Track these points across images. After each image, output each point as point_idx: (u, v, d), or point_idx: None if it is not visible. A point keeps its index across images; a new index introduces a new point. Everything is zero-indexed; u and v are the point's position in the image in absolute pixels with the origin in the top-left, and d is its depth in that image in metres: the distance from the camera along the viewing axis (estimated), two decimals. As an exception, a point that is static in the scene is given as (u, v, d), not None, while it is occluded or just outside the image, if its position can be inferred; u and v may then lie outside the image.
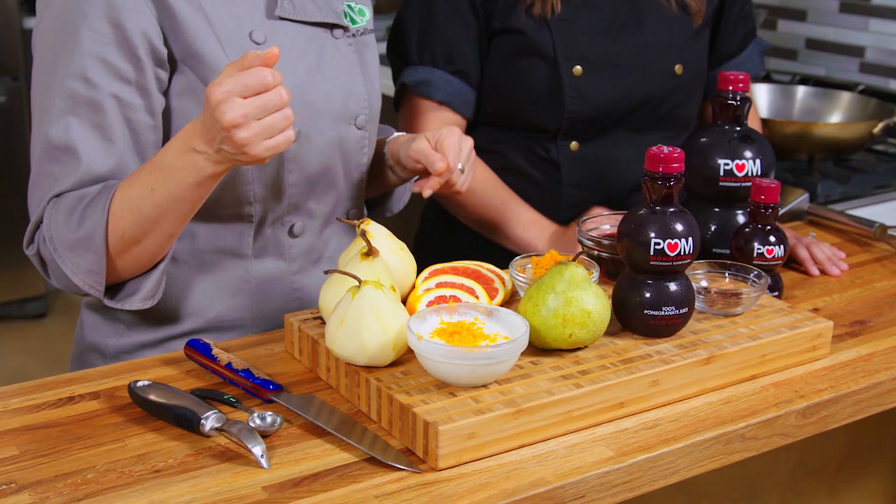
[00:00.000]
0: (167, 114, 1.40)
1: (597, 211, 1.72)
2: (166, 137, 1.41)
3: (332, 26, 1.49)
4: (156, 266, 1.38)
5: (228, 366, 1.30)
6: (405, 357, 1.26)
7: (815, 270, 1.70)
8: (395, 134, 1.64)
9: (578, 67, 1.72)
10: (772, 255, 1.52)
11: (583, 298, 1.27)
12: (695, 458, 1.22)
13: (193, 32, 1.36)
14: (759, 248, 1.52)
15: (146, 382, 1.25)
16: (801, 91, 2.40)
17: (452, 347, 1.18)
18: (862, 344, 1.46)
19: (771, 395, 1.32)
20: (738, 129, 1.60)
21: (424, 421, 1.13)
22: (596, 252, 1.53)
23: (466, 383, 1.19)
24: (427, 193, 1.45)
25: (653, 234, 1.30)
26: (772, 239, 1.53)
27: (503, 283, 1.43)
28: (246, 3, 1.42)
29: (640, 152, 1.79)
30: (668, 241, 1.30)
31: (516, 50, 1.72)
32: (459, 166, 1.47)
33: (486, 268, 1.45)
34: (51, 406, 1.26)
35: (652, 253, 1.30)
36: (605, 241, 1.54)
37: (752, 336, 1.35)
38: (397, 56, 1.79)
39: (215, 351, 1.33)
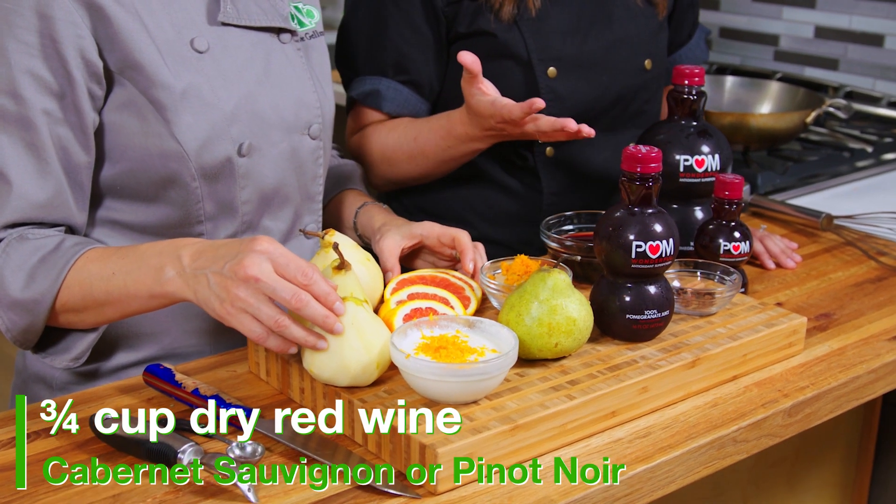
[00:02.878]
0: (101, 131, 1.31)
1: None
2: (100, 157, 1.32)
3: (278, 31, 1.41)
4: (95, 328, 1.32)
5: (196, 392, 1.22)
6: (385, 374, 1.20)
7: (770, 264, 1.69)
8: (367, 203, 1.57)
9: (553, 68, 1.67)
10: (738, 252, 1.50)
11: (567, 306, 1.23)
12: (690, 465, 1.19)
13: (131, 42, 1.27)
14: (725, 245, 1.50)
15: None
16: (730, 81, 2.40)
17: (442, 364, 1.12)
18: (832, 338, 1.45)
19: (755, 395, 1.30)
20: (695, 123, 1.58)
21: (420, 443, 1.08)
22: (564, 255, 1.49)
23: (457, 400, 1.14)
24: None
25: (634, 237, 1.27)
26: (737, 235, 1.51)
27: (473, 290, 1.38)
28: (186, 8, 1.33)
29: (615, 153, 1.75)
30: (650, 243, 1.27)
31: (486, 53, 1.65)
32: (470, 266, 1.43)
33: (452, 275, 1.40)
34: (1, 446, 1.16)
35: (633, 256, 1.27)
36: (568, 242, 1.50)
37: (731, 336, 1.33)
38: (346, 66, 1.72)
39: (179, 376, 1.24)
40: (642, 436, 1.20)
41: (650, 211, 1.28)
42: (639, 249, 1.26)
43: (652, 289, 1.30)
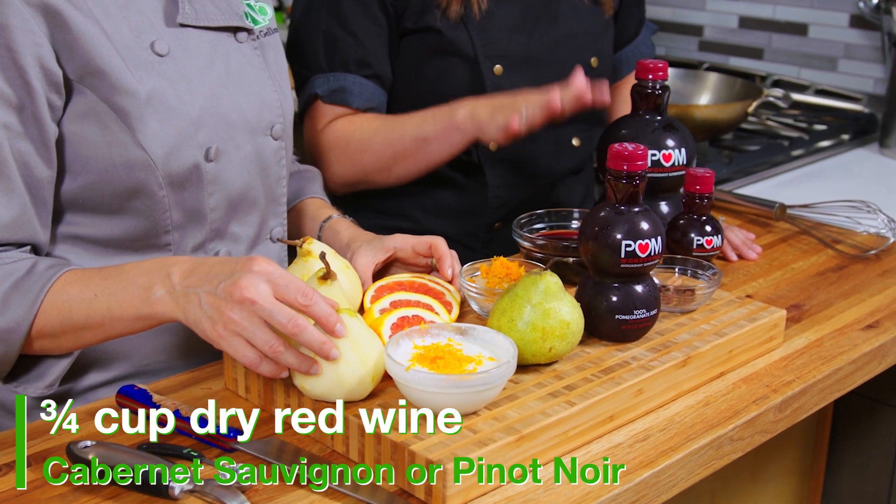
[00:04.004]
0: (60, 143, 1.23)
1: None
2: (60, 170, 1.24)
3: (234, 30, 1.35)
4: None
5: (177, 413, 1.15)
6: (377, 387, 1.16)
7: (733, 256, 1.68)
8: (332, 217, 1.50)
9: (499, 66, 1.64)
10: (711, 246, 1.49)
11: (560, 309, 1.20)
12: (691, 468, 1.18)
13: (92, 48, 1.19)
14: (697, 240, 1.49)
15: (88, 443, 1.09)
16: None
17: (444, 376, 1.08)
18: (807, 329, 1.45)
19: (745, 392, 1.28)
20: (659, 118, 1.56)
21: (427, 459, 1.03)
22: (538, 254, 1.46)
23: (457, 412, 1.10)
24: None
25: (622, 236, 1.24)
26: (708, 229, 1.50)
27: (453, 294, 1.34)
28: (143, 10, 1.26)
29: (557, 147, 1.74)
30: (639, 241, 1.24)
31: (432, 50, 1.62)
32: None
33: (430, 279, 1.36)
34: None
35: (623, 255, 1.24)
36: (539, 241, 1.47)
37: (717, 332, 1.31)
38: (302, 65, 1.66)
39: (156, 398, 1.18)
40: (641, 439, 1.18)
41: (636, 209, 1.26)
42: (628, 249, 1.24)
43: (639, 288, 1.27)
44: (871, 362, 1.43)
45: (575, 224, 1.53)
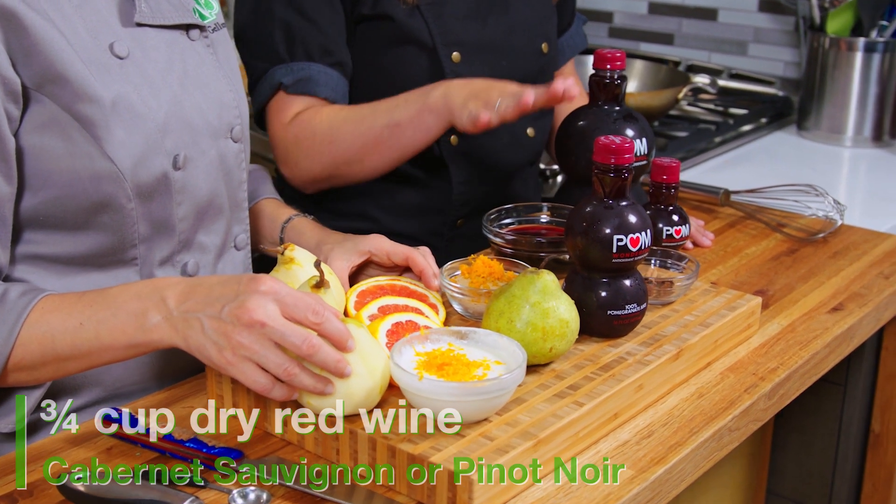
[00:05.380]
0: (19, 156, 1.14)
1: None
2: (20, 185, 1.15)
3: (187, 27, 1.29)
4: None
5: (169, 437, 1.09)
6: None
7: (688, 243, 1.69)
8: (293, 217, 1.45)
9: (456, 53, 1.61)
10: (680, 235, 1.50)
11: (558, 308, 1.18)
12: (697, 461, 1.17)
13: (52, 52, 1.11)
14: (667, 230, 1.49)
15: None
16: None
17: (458, 384, 1.05)
18: (777, 315, 1.46)
19: (734, 381, 1.29)
20: (618, 108, 1.55)
21: (450, 471, 1.00)
22: (508, 250, 1.43)
23: (469, 419, 1.07)
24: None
25: (613, 231, 1.23)
26: (675, 218, 1.50)
27: (436, 296, 1.31)
28: (98, 9, 1.18)
29: (514, 138, 1.72)
30: (631, 235, 1.23)
31: (389, 38, 1.58)
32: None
33: (409, 282, 1.32)
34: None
35: (615, 250, 1.23)
36: (510, 236, 1.45)
37: (702, 323, 1.31)
38: (257, 57, 1.59)
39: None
40: (646, 436, 1.16)
41: (624, 203, 1.24)
42: (620, 243, 1.22)
43: (627, 282, 1.26)
44: (842, 345, 1.45)
45: (544, 218, 1.51)
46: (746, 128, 2.39)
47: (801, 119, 2.44)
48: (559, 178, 2.11)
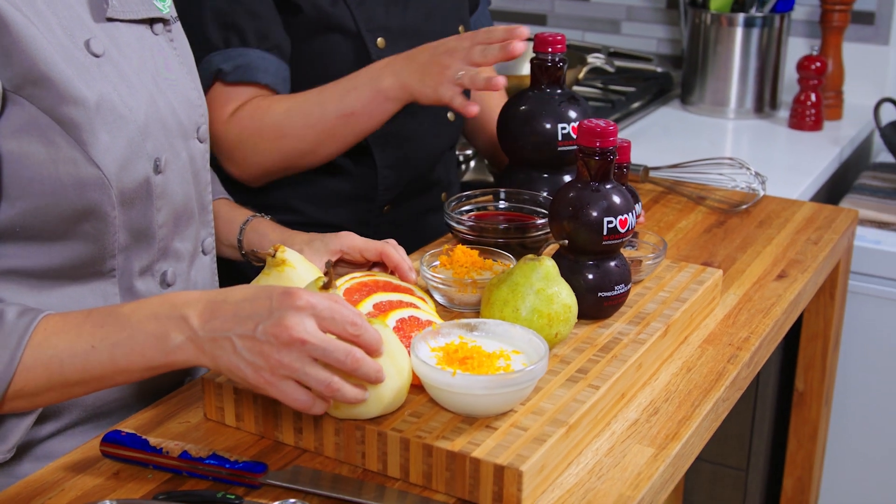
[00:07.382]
0: None
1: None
2: None
3: (151, 21, 1.22)
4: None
5: (185, 455, 1.04)
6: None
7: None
8: (252, 218, 1.40)
9: (381, 39, 1.59)
10: (636, 213, 1.51)
11: (561, 293, 1.18)
12: (702, 433, 1.20)
13: (33, 52, 1.04)
14: (622, 209, 1.51)
15: (108, 502, 0.96)
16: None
17: (490, 377, 1.04)
18: (730, 286, 1.51)
19: (715, 353, 1.32)
20: (560, 91, 1.56)
21: (495, 465, 0.99)
22: (469, 237, 1.42)
23: (498, 411, 1.06)
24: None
25: (602, 213, 1.24)
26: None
27: (419, 288, 1.29)
28: (70, 5, 1.11)
29: (436, 123, 1.72)
30: (619, 217, 1.24)
31: (314, 26, 1.54)
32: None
33: (386, 276, 1.30)
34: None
35: (605, 233, 1.24)
36: (474, 224, 1.44)
37: (677, 299, 1.34)
38: (195, 46, 1.51)
39: (153, 440, 1.05)
40: (653, 413, 1.18)
41: (609, 185, 1.25)
42: (609, 225, 1.24)
43: (612, 263, 1.28)
44: (794, 310, 1.51)
45: (503, 204, 1.51)
46: (636, 104, 2.45)
47: (685, 94, 2.52)
48: (472, 164, 2.11)
